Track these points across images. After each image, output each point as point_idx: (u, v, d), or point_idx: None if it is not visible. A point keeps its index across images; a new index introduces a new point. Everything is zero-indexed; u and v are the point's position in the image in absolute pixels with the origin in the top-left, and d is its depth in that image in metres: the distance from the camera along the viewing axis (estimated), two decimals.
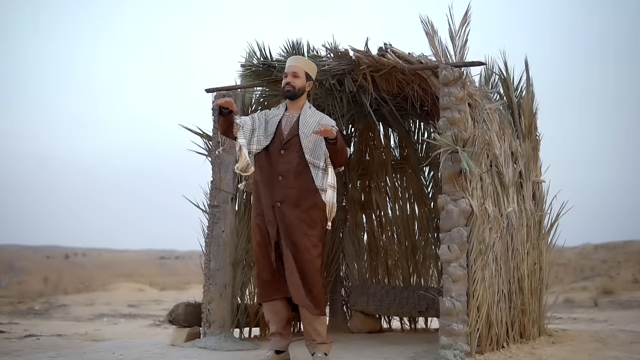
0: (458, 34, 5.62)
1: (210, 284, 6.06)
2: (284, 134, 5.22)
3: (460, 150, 5.20)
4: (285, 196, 5.10)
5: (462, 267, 5.17)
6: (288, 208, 5.09)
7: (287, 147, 5.16)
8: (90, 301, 18.10)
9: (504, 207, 5.75)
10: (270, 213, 5.12)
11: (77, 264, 47.53)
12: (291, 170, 5.12)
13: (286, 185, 5.12)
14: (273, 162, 5.17)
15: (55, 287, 29.84)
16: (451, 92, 5.38)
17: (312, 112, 5.32)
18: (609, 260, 33.59)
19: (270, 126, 5.27)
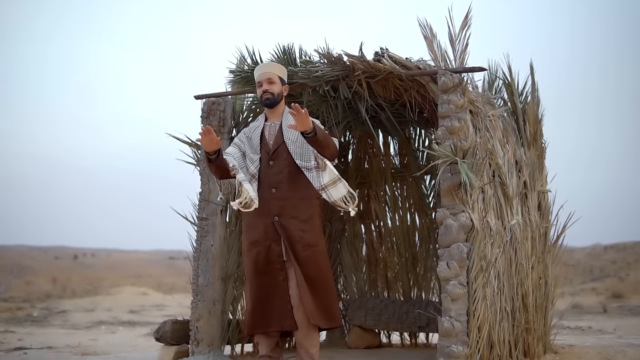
0: (458, 38, 5.34)
1: (198, 300, 5.78)
2: (270, 145, 4.97)
3: (460, 161, 4.92)
4: (282, 208, 4.84)
5: (462, 285, 4.87)
6: (287, 220, 4.83)
7: (275, 157, 4.90)
8: (92, 306, 17.91)
9: (507, 220, 5.47)
10: (271, 231, 4.84)
11: (85, 265, 47.65)
12: (283, 180, 4.85)
13: (281, 196, 4.86)
14: (263, 175, 4.91)
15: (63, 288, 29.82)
16: (450, 99, 5.10)
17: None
18: (618, 261, 33.45)
19: (254, 140, 5.03)
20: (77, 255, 52.28)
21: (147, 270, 46.50)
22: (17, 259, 45.47)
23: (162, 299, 22.09)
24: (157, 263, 52.00)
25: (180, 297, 23.64)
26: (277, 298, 4.85)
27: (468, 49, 5.34)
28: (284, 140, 4.93)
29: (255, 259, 4.91)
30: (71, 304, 18.41)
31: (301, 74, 5.57)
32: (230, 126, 5.97)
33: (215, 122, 5.89)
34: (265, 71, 5.03)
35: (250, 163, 4.97)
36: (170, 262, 53.04)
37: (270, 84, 4.99)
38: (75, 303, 19.18)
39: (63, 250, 55.47)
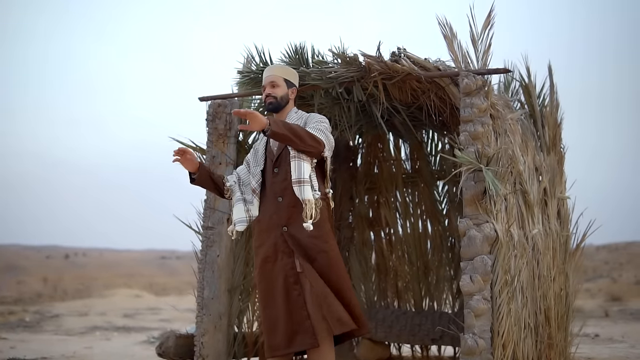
0: (480, 38, 5.05)
1: (203, 314, 5.46)
2: (274, 151, 4.64)
3: (485, 169, 4.62)
4: (290, 218, 4.49)
5: (486, 299, 4.58)
6: (296, 229, 4.49)
7: (279, 164, 4.57)
8: (85, 309, 17.61)
9: (528, 229, 5.18)
10: (282, 242, 4.51)
11: (77, 264, 47.35)
12: (288, 187, 4.51)
13: (287, 205, 4.51)
14: (269, 184, 4.58)
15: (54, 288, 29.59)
16: (473, 102, 4.81)
17: (298, 115, 4.71)
18: (610, 262, 33.30)
19: (259, 151, 4.73)
20: (68, 254, 51.95)
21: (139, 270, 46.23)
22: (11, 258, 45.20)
23: (155, 301, 21.81)
24: (149, 263, 51.70)
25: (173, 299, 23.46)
26: (295, 315, 4.52)
27: (491, 49, 5.06)
28: (286, 145, 4.62)
29: (268, 277, 4.56)
30: (64, 307, 18.13)
31: (314, 75, 5.25)
32: (236, 129, 5.65)
33: (221, 125, 5.59)
34: (269, 74, 4.72)
35: (252, 178, 4.68)
36: (162, 261, 52.79)
37: (273, 88, 4.66)
38: (68, 306, 18.88)
39: (55, 250, 55.15)
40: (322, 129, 4.52)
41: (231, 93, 5.73)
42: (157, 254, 58.11)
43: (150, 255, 57.33)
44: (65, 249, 55.80)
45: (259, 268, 4.61)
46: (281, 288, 4.49)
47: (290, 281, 4.49)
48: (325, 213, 4.60)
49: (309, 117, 4.67)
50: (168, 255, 56.70)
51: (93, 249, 57.58)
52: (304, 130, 4.41)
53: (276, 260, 4.52)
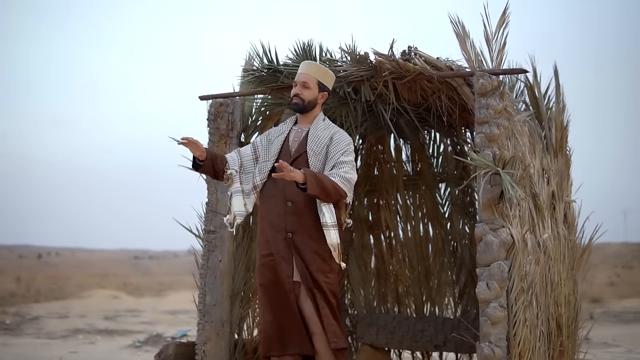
0: (495, 37, 4.89)
1: (205, 322, 5.26)
2: (292, 152, 4.47)
3: (503, 172, 4.46)
4: (297, 225, 4.35)
5: (502, 307, 4.43)
6: (301, 239, 4.34)
7: (294, 167, 4.39)
8: (64, 311, 17.37)
9: (539, 234, 5.03)
10: (283, 247, 4.36)
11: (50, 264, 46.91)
12: (301, 194, 4.33)
13: (296, 211, 4.37)
14: (280, 186, 4.40)
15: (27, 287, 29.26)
16: (489, 103, 4.65)
17: (326, 124, 4.57)
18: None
19: (274, 146, 4.54)
20: (41, 254, 51.50)
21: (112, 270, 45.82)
22: None
23: (134, 303, 21.60)
24: (123, 262, 51.28)
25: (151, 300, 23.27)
26: (290, 319, 4.40)
27: (506, 48, 4.91)
28: (306, 150, 4.45)
29: (264, 275, 4.47)
30: (42, 309, 17.85)
31: None
32: (239, 130, 5.46)
33: (223, 125, 5.39)
34: (304, 72, 4.54)
35: (258, 172, 4.51)
36: (136, 261, 52.43)
37: (304, 88, 4.50)
38: (46, 307, 18.61)
39: (27, 249, 54.69)
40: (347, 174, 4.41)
41: (233, 92, 5.54)
42: (130, 253, 57.85)
43: (123, 255, 57.02)
44: (38, 248, 55.38)
45: (258, 266, 4.56)
46: (276, 290, 4.41)
47: (286, 288, 4.37)
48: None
49: (335, 134, 4.55)
50: (141, 255, 56.41)
51: (66, 248, 57.21)
52: (332, 185, 4.30)
53: (274, 262, 4.41)
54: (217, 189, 5.36)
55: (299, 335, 4.42)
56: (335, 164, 4.40)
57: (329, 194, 4.27)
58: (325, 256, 4.39)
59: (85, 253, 56.87)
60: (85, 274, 39.29)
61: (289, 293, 4.36)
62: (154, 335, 11.15)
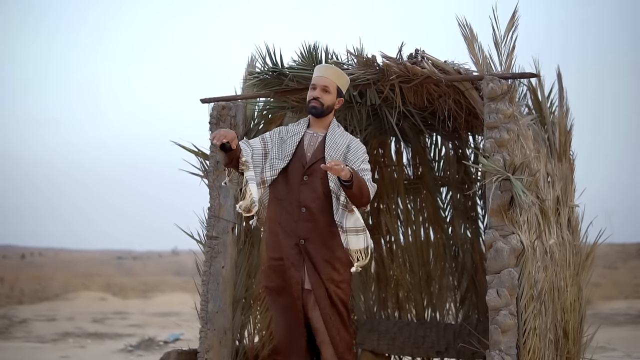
0: (504, 40, 4.82)
1: (207, 329, 5.15)
2: (307, 156, 4.37)
3: (513, 178, 4.39)
4: (310, 232, 4.26)
5: (512, 314, 4.36)
6: (314, 246, 4.25)
7: (310, 173, 4.30)
8: (51, 313, 17.18)
9: (545, 240, 4.96)
10: (294, 253, 4.26)
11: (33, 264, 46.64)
12: (316, 200, 4.26)
13: (310, 218, 4.27)
14: (294, 190, 4.30)
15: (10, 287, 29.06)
16: (499, 108, 4.59)
17: (341, 132, 4.49)
18: None
19: (288, 146, 4.41)
20: (24, 254, 51.27)
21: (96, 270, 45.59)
22: None
23: (122, 305, 21.39)
24: (106, 263, 51.04)
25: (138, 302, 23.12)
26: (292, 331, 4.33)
27: (515, 52, 4.84)
28: (323, 156, 4.35)
29: (271, 278, 4.40)
30: (30, 311, 17.63)
31: None
32: (241, 133, 5.35)
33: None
34: (324, 75, 4.43)
35: (268, 168, 4.37)
36: (119, 262, 52.20)
37: (324, 92, 4.39)
38: (33, 310, 18.40)
39: (10, 249, 54.45)
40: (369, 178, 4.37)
41: (235, 95, 5.44)
42: (113, 254, 57.65)
43: (107, 255, 56.83)
44: (21, 248, 55.16)
45: (265, 268, 4.48)
46: (283, 295, 4.33)
47: (294, 295, 4.28)
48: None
49: (352, 141, 4.49)
50: (124, 255, 56.18)
51: (49, 248, 56.99)
52: (367, 190, 4.26)
53: (283, 267, 4.33)
54: (220, 193, 5.26)
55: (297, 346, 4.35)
56: (358, 172, 4.32)
57: (362, 197, 4.23)
58: (337, 265, 4.31)
59: (69, 253, 56.68)
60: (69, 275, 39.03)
61: (296, 300, 4.28)
62: (146, 339, 11.02)
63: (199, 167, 5.49)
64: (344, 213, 4.28)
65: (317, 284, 4.24)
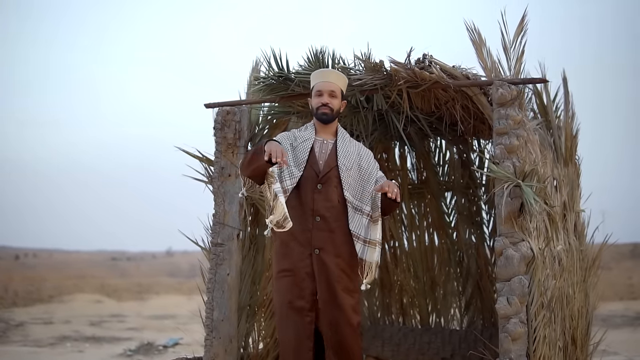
0: (513, 45, 4.77)
1: (213, 337, 5.09)
2: (320, 165, 4.30)
3: (524, 184, 4.34)
4: (325, 242, 4.19)
5: (523, 322, 4.31)
6: (329, 256, 4.18)
7: (324, 181, 4.24)
8: (47, 316, 17.08)
9: (553, 246, 4.91)
10: (307, 264, 4.19)
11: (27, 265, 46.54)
12: (331, 209, 4.21)
13: (325, 227, 4.20)
14: (307, 199, 4.23)
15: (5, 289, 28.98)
16: (508, 114, 4.53)
17: (349, 138, 4.46)
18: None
19: (300, 153, 4.33)
20: (18, 255, 51.18)
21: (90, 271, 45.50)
22: None
23: (118, 307, 21.27)
24: (100, 264, 50.94)
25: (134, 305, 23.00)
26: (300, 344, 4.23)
27: (524, 57, 4.78)
28: (337, 165, 4.30)
29: (283, 291, 4.29)
30: (25, 314, 17.53)
31: None
32: (246, 139, 5.28)
33: (230, 134, 5.21)
34: (331, 81, 4.38)
35: (287, 177, 4.24)
36: (113, 263, 52.12)
37: (332, 97, 4.35)
38: (29, 312, 18.28)
39: (4, 251, 54.37)
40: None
41: (240, 100, 5.37)
42: (107, 255, 57.59)
43: (101, 256, 56.76)
44: (15, 249, 55.09)
45: (276, 280, 4.37)
46: (294, 307, 4.24)
47: (306, 307, 4.21)
48: None
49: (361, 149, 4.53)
50: (118, 256, 56.12)
51: (43, 249, 56.96)
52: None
53: (296, 278, 4.23)
54: (225, 200, 5.19)
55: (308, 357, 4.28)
56: (377, 180, 4.38)
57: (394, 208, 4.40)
58: (351, 274, 4.26)
59: (63, 254, 56.64)
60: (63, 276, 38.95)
61: (308, 312, 4.21)
62: (145, 343, 10.94)
63: (202, 172, 5.42)
64: (369, 224, 4.28)
65: (331, 294, 4.17)
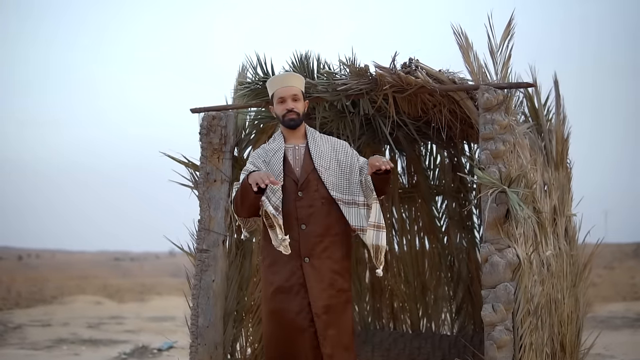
0: (500, 49, 4.72)
1: (198, 344, 5.04)
2: (297, 172, 4.22)
3: (509, 190, 4.29)
4: (313, 248, 4.12)
5: (508, 330, 4.26)
6: (319, 261, 4.11)
7: (304, 188, 4.17)
8: (46, 317, 17.06)
9: (542, 251, 4.86)
10: (299, 274, 4.12)
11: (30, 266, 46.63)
12: (315, 214, 4.13)
13: (312, 233, 4.13)
14: (290, 209, 4.15)
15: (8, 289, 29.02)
16: (495, 119, 4.48)
17: (320, 137, 4.36)
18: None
19: (274, 165, 4.25)
20: (21, 256, 51.29)
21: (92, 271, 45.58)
22: None
23: (118, 309, 21.24)
24: (103, 264, 51.03)
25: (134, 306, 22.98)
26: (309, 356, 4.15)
27: (511, 61, 4.74)
28: (314, 167, 4.23)
29: (278, 310, 4.17)
30: (25, 316, 17.51)
31: (320, 86, 4.86)
32: (232, 144, 5.23)
33: (216, 140, 5.16)
34: (290, 85, 4.29)
35: (271, 194, 4.08)
36: (116, 263, 52.20)
37: (295, 101, 4.26)
38: (29, 314, 18.28)
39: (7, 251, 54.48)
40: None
41: (226, 105, 5.32)
42: (110, 255, 57.69)
43: (104, 256, 56.85)
44: (18, 250, 55.22)
45: (269, 300, 4.22)
46: (295, 325, 4.12)
47: (306, 322, 4.12)
48: (350, 249, 4.27)
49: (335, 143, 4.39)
50: (121, 256, 56.22)
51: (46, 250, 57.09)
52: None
53: (291, 292, 4.14)
54: (210, 205, 5.14)
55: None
56: (361, 167, 4.27)
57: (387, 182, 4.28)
58: (344, 273, 4.21)
59: (66, 255, 56.73)
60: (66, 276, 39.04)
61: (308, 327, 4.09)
62: (140, 346, 10.91)
63: (189, 177, 5.38)
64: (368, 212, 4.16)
65: (323, 300, 4.10)
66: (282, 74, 4.55)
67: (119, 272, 46.62)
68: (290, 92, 4.27)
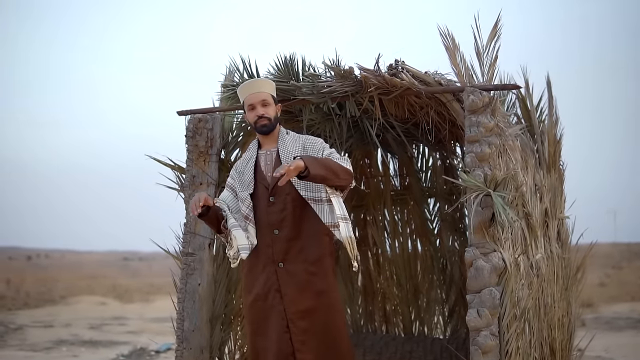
0: (486, 50, 4.67)
1: (183, 348, 5.01)
2: (268, 178, 4.19)
3: (494, 194, 4.23)
4: (287, 252, 4.08)
5: (494, 335, 4.20)
6: (294, 265, 4.07)
7: (275, 193, 4.13)
8: (49, 318, 17.06)
9: (532, 255, 4.81)
10: (274, 280, 4.09)
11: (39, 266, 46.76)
12: (287, 218, 4.09)
13: (285, 238, 4.09)
14: (262, 215, 4.13)
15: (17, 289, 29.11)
16: (480, 121, 4.43)
17: (292, 137, 4.30)
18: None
19: (246, 174, 4.25)
20: (30, 256, 51.43)
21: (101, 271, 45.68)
22: None
23: (121, 310, 21.22)
24: (112, 264, 51.15)
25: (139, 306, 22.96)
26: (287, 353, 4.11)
27: (497, 63, 4.68)
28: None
29: (257, 319, 4.17)
30: (28, 317, 17.51)
31: (305, 89, 4.82)
32: (218, 147, 5.19)
33: (202, 142, 5.12)
34: (258, 90, 4.24)
35: (241, 203, 4.17)
36: (125, 263, 52.30)
37: (265, 107, 4.21)
38: (33, 315, 18.27)
39: (17, 251, 54.64)
40: (342, 158, 4.17)
41: (212, 107, 5.28)
42: (119, 255, 57.75)
43: (113, 256, 56.92)
44: (28, 250, 55.34)
45: (249, 307, 4.20)
46: (273, 330, 4.10)
47: (283, 324, 4.09)
48: (329, 249, 4.21)
49: (306, 141, 4.27)
50: (130, 256, 56.26)
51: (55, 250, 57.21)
52: (336, 164, 4.05)
53: (267, 299, 4.11)
54: None
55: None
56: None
57: (336, 172, 4.02)
58: (322, 274, 4.14)
59: (75, 255, 56.82)
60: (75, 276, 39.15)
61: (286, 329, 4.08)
62: (138, 348, 10.89)
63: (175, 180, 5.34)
64: (331, 208, 4.08)
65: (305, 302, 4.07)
66: (249, 80, 4.50)
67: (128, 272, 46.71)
68: (258, 98, 4.22)
